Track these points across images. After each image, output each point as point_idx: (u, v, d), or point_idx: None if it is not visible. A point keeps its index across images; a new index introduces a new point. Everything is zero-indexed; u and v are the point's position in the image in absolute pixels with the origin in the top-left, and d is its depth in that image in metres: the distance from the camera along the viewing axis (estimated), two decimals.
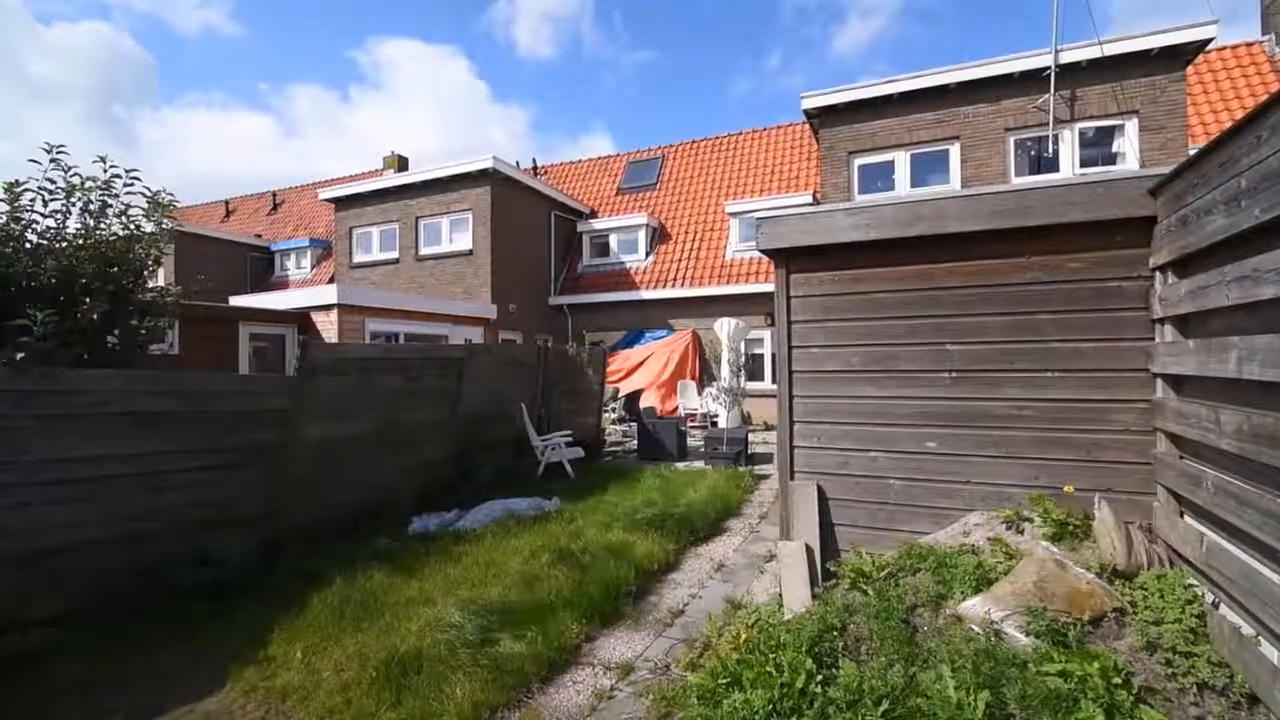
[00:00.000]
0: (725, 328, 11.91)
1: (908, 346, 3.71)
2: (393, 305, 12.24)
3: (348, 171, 27.36)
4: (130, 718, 3.02)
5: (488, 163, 15.00)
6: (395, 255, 16.68)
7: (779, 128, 18.58)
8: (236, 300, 12.30)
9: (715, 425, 12.79)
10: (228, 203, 27.13)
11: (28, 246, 4.68)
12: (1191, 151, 6.07)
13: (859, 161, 12.26)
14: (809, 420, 3.96)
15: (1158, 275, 3.16)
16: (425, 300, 13.79)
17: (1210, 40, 9.77)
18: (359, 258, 17.38)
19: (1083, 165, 10.82)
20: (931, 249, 3.64)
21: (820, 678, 2.69)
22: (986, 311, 3.55)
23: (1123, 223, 3.25)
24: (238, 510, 5.04)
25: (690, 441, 11.30)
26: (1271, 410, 2.09)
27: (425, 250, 16.26)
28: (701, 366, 15.47)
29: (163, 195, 5.44)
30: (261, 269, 21.72)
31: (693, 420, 13.81)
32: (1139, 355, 3.26)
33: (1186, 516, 2.94)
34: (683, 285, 15.96)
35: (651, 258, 17.04)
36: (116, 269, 5.00)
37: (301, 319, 11.37)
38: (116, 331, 5.06)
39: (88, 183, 4.99)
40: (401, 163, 21.77)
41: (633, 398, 14.60)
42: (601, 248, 17.94)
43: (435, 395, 7.13)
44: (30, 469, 3.92)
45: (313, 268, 20.85)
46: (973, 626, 2.81)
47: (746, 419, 14.35)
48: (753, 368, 14.30)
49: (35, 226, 4.77)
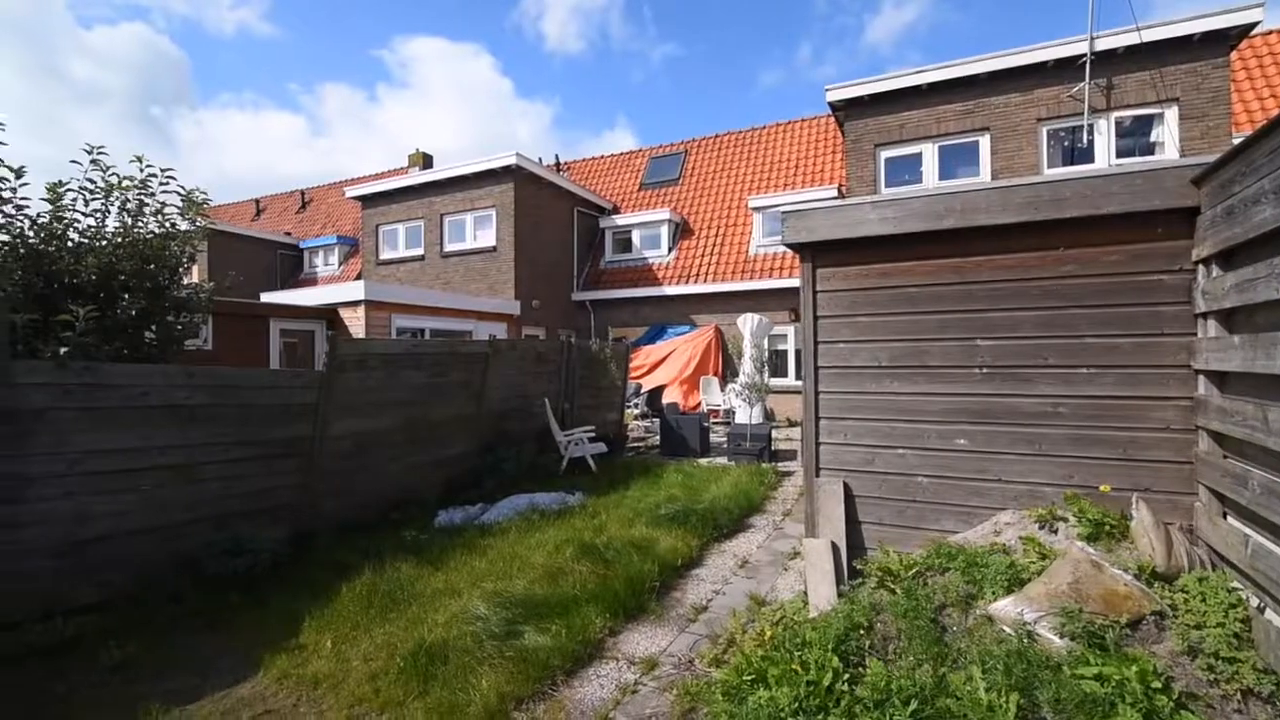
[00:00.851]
0: (748, 323, 11.84)
1: (937, 342, 3.64)
2: (418, 302, 12.39)
3: (374, 169, 27.74)
4: (170, 701, 3.10)
5: (511, 159, 15.08)
6: (420, 252, 16.87)
7: (803, 121, 18.37)
8: (267, 297, 12.57)
9: (736, 421, 12.74)
10: (258, 201, 27.70)
11: (69, 245, 4.83)
12: (1236, 140, 5.84)
13: (885, 154, 12.06)
14: (835, 416, 3.91)
15: (1200, 268, 3.05)
16: (450, 296, 13.93)
17: (1256, 24, 9.39)
18: (385, 254, 17.62)
19: (1119, 156, 10.50)
20: (962, 242, 3.57)
21: (847, 676, 2.66)
22: (1019, 306, 3.47)
23: (1164, 214, 3.14)
24: (270, 502, 5.16)
25: (713, 438, 11.26)
26: None
27: (450, 247, 16.43)
28: (724, 362, 15.39)
29: (196, 194, 5.57)
30: (291, 266, 22.16)
31: (715, 416, 13.75)
32: (1180, 351, 3.16)
33: (1230, 518, 2.85)
34: (705, 281, 15.89)
35: (674, 253, 16.99)
36: (153, 266, 5.14)
37: (330, 315, 11.57)
38: (153, 327, 5.20)
39: (125, 182, 5.13)
40: (426, 160, 22.00)
41: (655, 393, 14.60)
42: (624, 243, 17.94)
43: (460, 390, 7.21)
44: (74, 460, 4.05)
45: (340, 264, 21.21)
46: (1004, 627, 2.76)
47: (769, 415, 14.24)
48: (776, 364, 14.20)
49: (76, 225, 4.92)
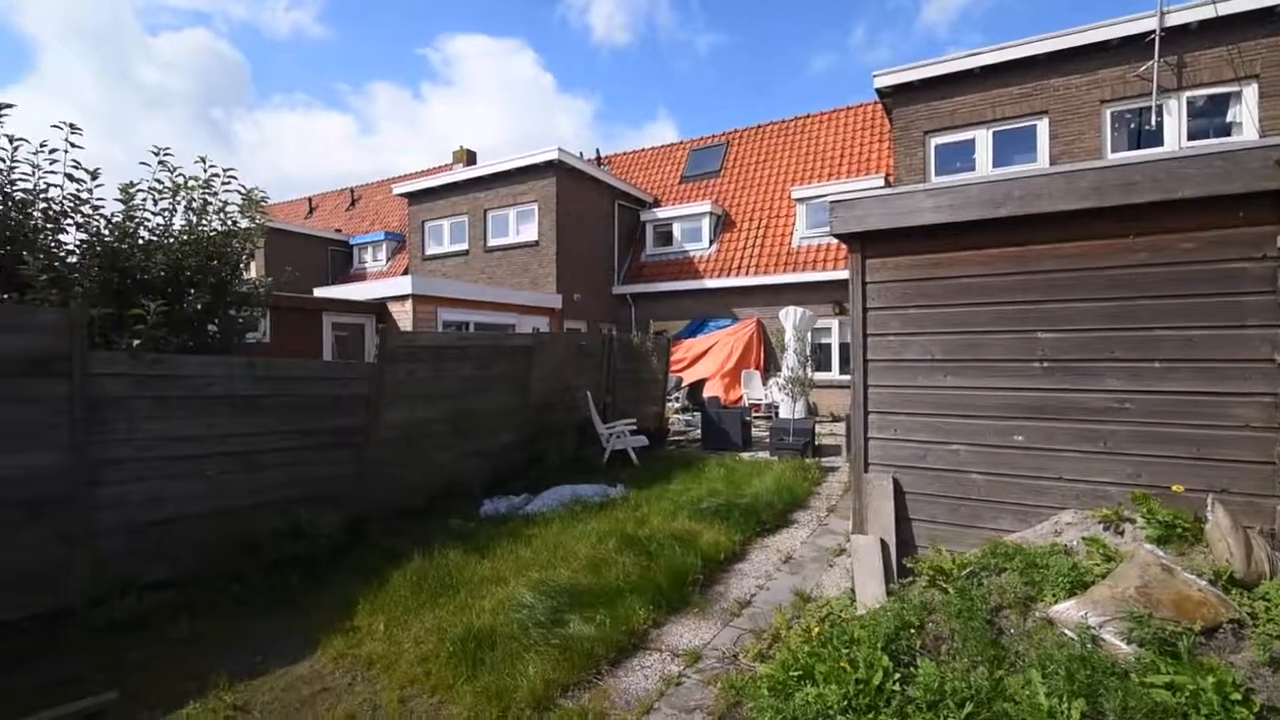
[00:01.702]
0: (791, 316, 11.65)
1: (994, 334, 3.51)
2: (463, 296, 12.63)
3: (420, 167, 28.35)
4: (235, 675, 3.25)
5: (553, 154, 15.19)
6: (465, 247, 17.19)
7: (849, 109, 17.93)
8: (319, 292, 13.01)
9: (779, 416, 12.59)
10: (310, 199, 28.66)
11: (140, 242, 5.09)
12: None
13: (936, 141, 11.68)
14: (885, 411, 3.81)
15: None
16: (494, 290, 14.16)
17: None
18: (431, 250, 18.01)
19: (1190, 138, 9.92)
20: (1022, 230, 3.42)
21: (898, 676, 2.60)
22: (1083, 297, 3.31)
23: (1245, 198, 2.95)
24: (325, 489, 5.34)
25: (754, 432, 11.16)
26: None
27: (493, 241, 16.68)
28: (766, 356, 15.22)
29: (256, 192, 5.79)
30: (341, 262, 22.87)
31: (757, 410, 13.62)
32: (1263, 344, 2.96)
33: None
34: (747, 274, 15.71)
35: (715, 246, 16.85)
36: (216, 262, 5.36)
37: (379, 309, 11.91)
38: (216, 321, 5.44)
39: (191, 182, 5.36)
40: (470, 157, 22.36)
41: (696, 387, 14.55)
42: (665, 236, 17.89)
43: (505, 382, 7.32)
44: (146, 446, 4.28)
45: (388, 260, 21.78)
46: (1066, 631, 2.65)
47: (812, 410, 14.02)
48: (819, 358, 13.94)
49: (146, 223, 5.18)
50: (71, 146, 4.80)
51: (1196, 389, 3.11)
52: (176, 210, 5.32)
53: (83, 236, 4.90)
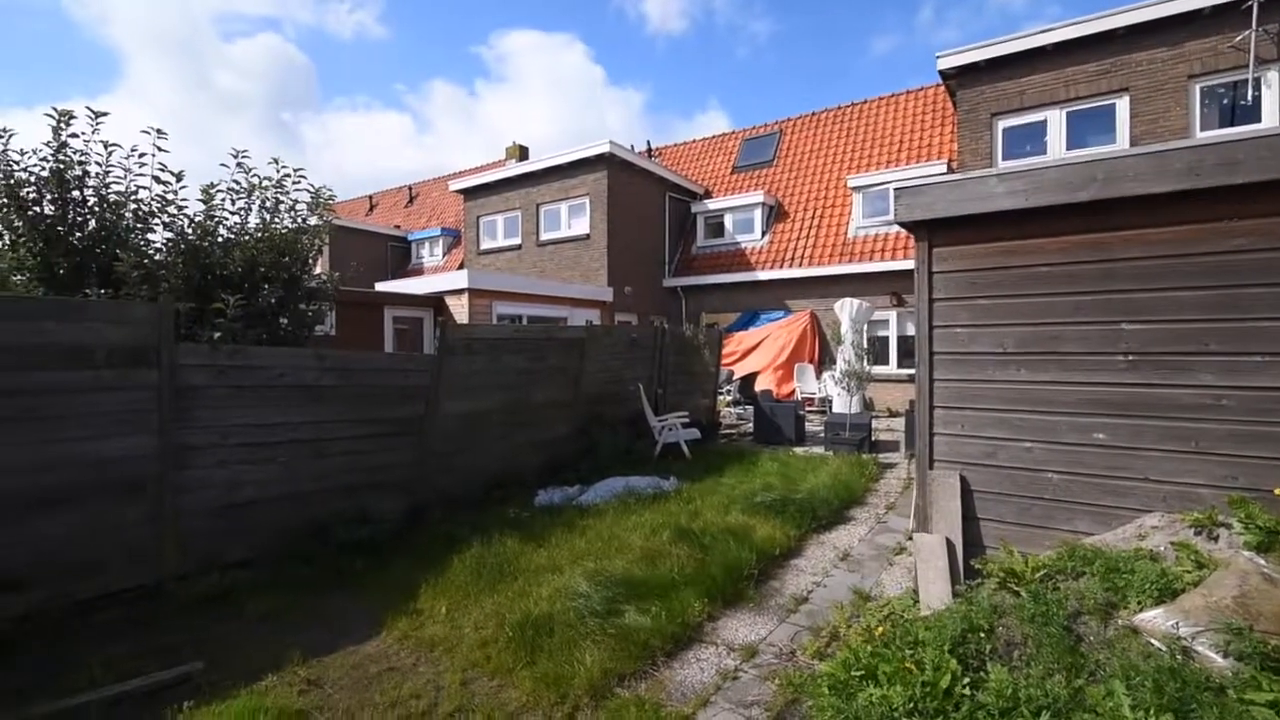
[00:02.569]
0: (847, 309, 11.36)
1: (1072, 326, 3.31)
2: (517, 289, 12.85)
3: (474, 163, 28.96)
4: (308, 652, 3.42)
5: (604, 147, 15.24)
6: (518, 241, 17.46)
7: (908, 93, 17.27)
8: (381, 286, 13.48)
9: (833, 410, 12.32)
10: (371, 197, 29.69)
11: (219, 240, 5.38)
12: None
13: (1003, 124, 11.13)
14: (952, 406, 3.66)
15: None
16: (546, 284, 14.35)
17: None
18: (485, 244, 18.38)
19: None
20: (1104, 215, 3.21)
21: (966, 680, 2.51)
22: (1174, 285, 3.08)
23: None
24: (388, 476, 5.54)
25: (808, 426, 10.96)
26: None
27: (545, 236, 16.89)
28: (820, 349, 14.90)
29: (323, 191, 6.03)
30: (399, 257, 23.62)
31: (810, 405, 13.36)
32: None
33: None
34: (801, 265, 15.39)
35: (768, 237, 16.58)
36: (288, 258, 5.62)
37: (437, 302, 12.24)
38: (287, 314, 5.70)
39: (265, 182, 5.63)
40: (523, 152, 22.68)
41: (748, 380, 14.38)
42: (716, 228, 17.71)
43: (558, 375, 7.42)
44: (226, 433, 4.53)
45: (444, 255, 22.36)
46: (1153, 641, 2.49)
47: (868, 405, 13.67)
48: (876, 351, 13.54)
49: (225, 222, 5.47)
50: (158, 150, 5.11)
51: None
52: (252, 209, 5.60)
53: (168, 235, 5.22)
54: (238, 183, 5.52)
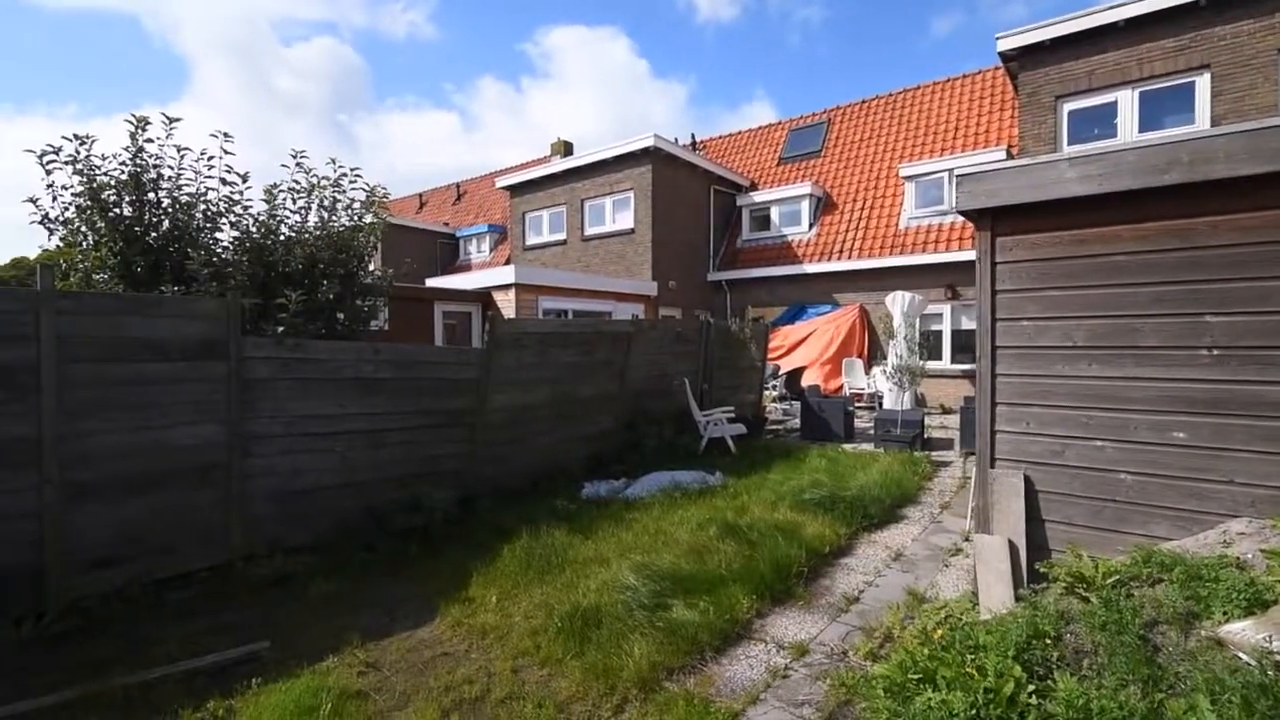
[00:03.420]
0: (898, 302, 11.05)
1: (1151, 318, 3.12)
2: (563, 284, 12.97)
3: (520, 160, 29.32)
4: (366, 635, 3.53)
5: (649, 141, 15.19)
6: (563, 236, 17.61)
7: (964, 77, 16.61)
8: (431, 282, 13.80)
9: (883, 406, 12.00)
10: (420, 195, 30.44)
11: (281, 238, 5.59)
12: None
13: (1069, 107, 10.58)
14: (1015, 402, 3.50)
15: None
16: (591, 279, 14.43)
17: None
18: (531, 240, 18.61)
19: None
20: (1189, 200, 3.00)
21: (1032, 688, 2.40)
22: (1268, 275, 2.86)
23: None
24: (440, 467, 5.68)
25: (857, 423, 10.71)
26: None
27: (590, 231, 16.97)
28: (870, 344, 14.53)
29: (378, 189, 6.20)
30: (448, 253, 24.15)
31: (859, 400, 13.05)
32: None
33: None
34: (849, 257, 15.03)
35: (815, 229, 16.24)
36: (345, 255, 5.80)
37: (484, 298, 12.46)
38: (344, 309, 5.89)
39: (323, 182, 5.82)
40: (567, 148, 22.83)
41: (794, 375, 14.16)
42: (762, 221, 17.45)
43: (604, 369, 7.45)
44: (289, 422, 4.72)
45: (491, 251, 22.75)
46: (1240, 654, 2.33)
47: (920, 401, 13.27)
48: (929, 345, 13.13)
49: (286, 221, 5.68)
50: (225, 153, 5.34)
51: None
52: (311, 208, 5.80)
53: (234, 234, 5.45)
54: (298, 183, 5.73)
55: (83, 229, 4.96)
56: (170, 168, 5.20)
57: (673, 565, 4.11)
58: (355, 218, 6.05)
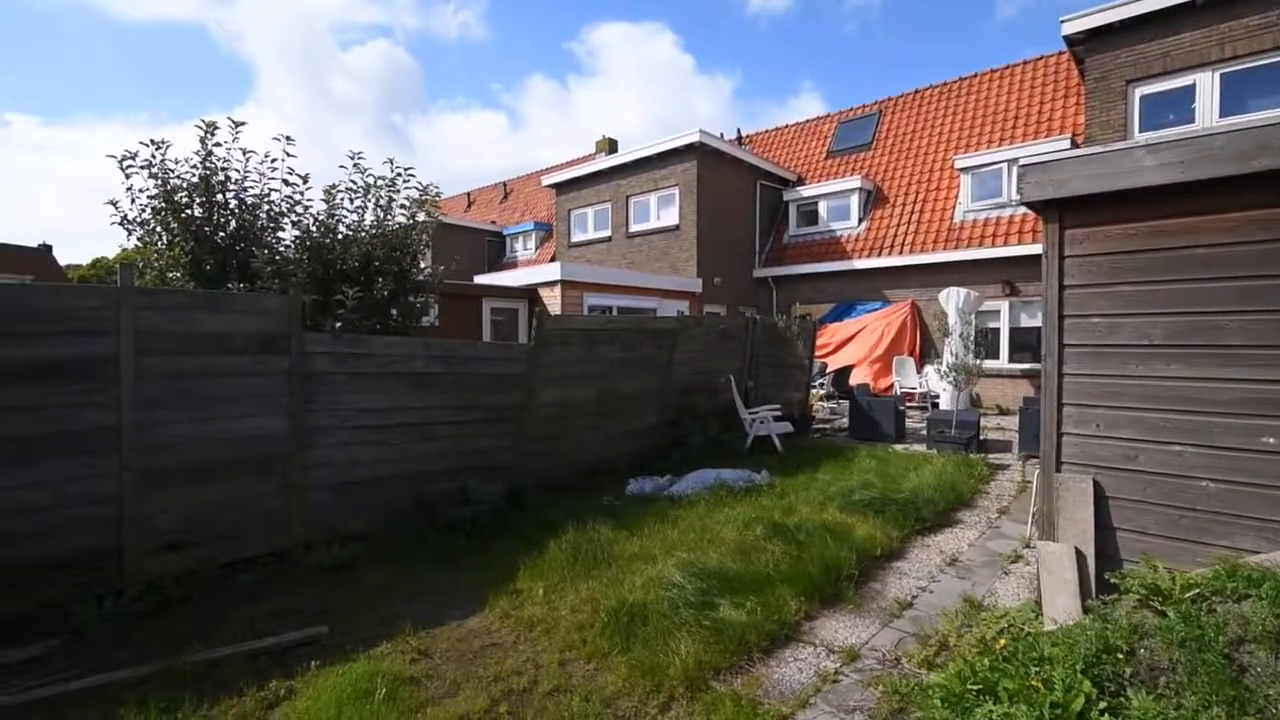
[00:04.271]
0: (953, 298, 10.67)
1: (1238, 315, 2.91)
2: (608, 281, 13.03)
3: (566, 158, 29.58)
4: (417, 623, 3.62)
5: (694, 137, 15.09)
6: (608, 234, 17.69)
7: (1025, 63, 15.90)
8: (478, 279, 14.08)
9: (936, 406, 11.62)
10: (469, 194, 31.07)
11: (339, 237, 5.78)
12: None
13: (1140, 91, 10.00)
14: (1084, 403, 3.33)
15: None
16: (636, 275, 14.45)
17: None
18: (576, 237, 18.76)
19: None
20: (1278, 189, 2.79)
21: (1103, 705, 2.28)
22: None
23: None
24: (488, 460, 5.77)
25: (909, 423, 10.41)
26: None
27: (634, 227, 16.99)
28: (922, 342, 14.10)
29: (431, 189, 6.34)
30: (495, 251, 24.58)
31: (911, 400, 12.69)
32: None
33: None
34: (901, 253, 14.60)
35: (865, 224, 15.84)
36: (399, 253, 5.96)
37: (530, 294, 12.63)
38: (397, 306, 6.05)
39: (379, 181, 5.99)
40: (612, 145, 22.89)
41: (842, 374, 13.86)
42: (809, 216, 17.13)
43: (649, 365, 7.44)
44: (345, 415, 4.87)
45: (537, 248, 23.05)
46: None
47: (975, 401, 12.81)
48: (986, 344, 12.65)
49: (344, 220, 5.87)
50: (287, 155, 5.55)
51: None
52: (368, 208, 5.98)
53: (295, 233, 5.67)
54: (355, 183, 5.91)
55: (158, 229, 5.24)
56: (237, 170, 5.44)
57: (719, 564, 4.07)
58: (409, 216, 6.20)
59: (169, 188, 5.17)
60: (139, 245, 5.42)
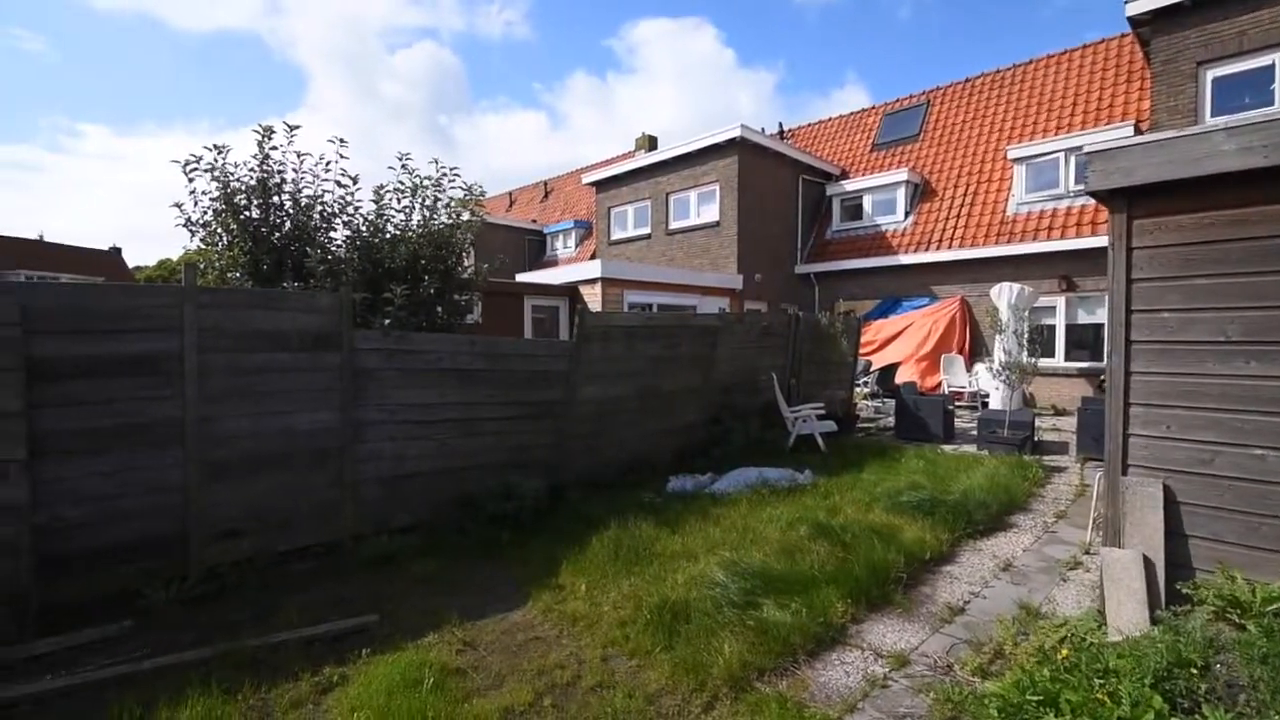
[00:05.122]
0: (1005, 294, 10.29)
1: None
2: (648, 278, 13.01)
3: (605, 156, 29.68)
4: (462, 615, 3.68)
5: (735, 132, 14.93)
6: (647, 231, 17.67)
7: (1083, 48, 15.17)
8: (520, 277, 14.24)
9: (986, 405, 11.23)
10: (510, 194, 31.49)
11: (387, 236, 5.92)
12: None
13: (1213, 73, 9.43)
14: (1153, 403, 3.14)
15: None
16: (676, 272, 14.40)
17: None
18: (615, 235, 18.80)
19: None
20: None
21: None
22: None
23: None
24: (530, 456, 5.83)
25: (958, 423, 10.08)
26: None
27: (674, 224, 16.92)
28: (972, 339, 13.64)
29: (475, 188, 6.44)
30: (535, 249, 24.85)
31: (960, 399, 12.30)
32: None
33: None
34: (949, 247, 14.14)
35: (911, 218, 15.40)
36: (444, 252, 6.07)
37: (571, 292, 12.72)
38: (442, 303, 6.17)
39: (425, 182, 6.11)
40: (651, 142, 22.86)
41: (887, 372, 13.52)
42: (853, 210, 16.76)
43: (690, 363, 7.40)
44: (394, 410, 4.99)
45: (576, 246, 23.20)
46: None
47: (1029, 400, 12.32)
48: (1041, 341, 12.16)
49: (392, 220, 6.01)
50: (340, 157, 5.72)
51: None
52: (415, 207, 6.11)
53: (346, 233, 5.83)
54: (402, 184, 6.04)
55: (218, 230, 5.47)
56: (292, 172, 5.63)
57: (762, 564, 4.02)
58: (454, 216, 6.31)
59: (229, 190, 5.38)
60: (201, 246, 5.67)
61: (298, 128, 5.57)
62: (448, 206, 6.22)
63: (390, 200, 6.01)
